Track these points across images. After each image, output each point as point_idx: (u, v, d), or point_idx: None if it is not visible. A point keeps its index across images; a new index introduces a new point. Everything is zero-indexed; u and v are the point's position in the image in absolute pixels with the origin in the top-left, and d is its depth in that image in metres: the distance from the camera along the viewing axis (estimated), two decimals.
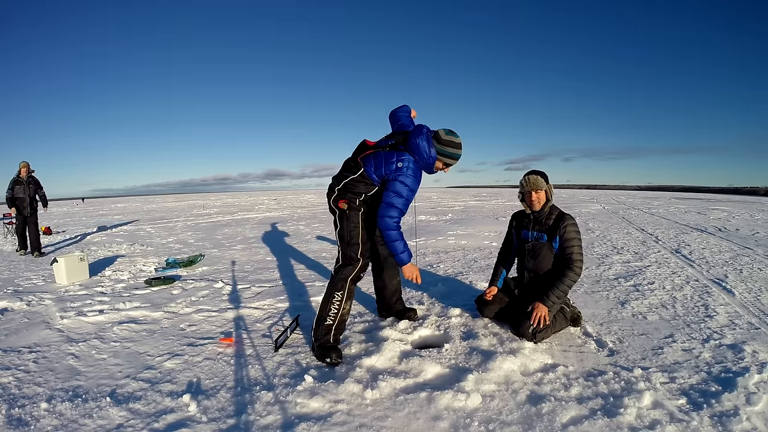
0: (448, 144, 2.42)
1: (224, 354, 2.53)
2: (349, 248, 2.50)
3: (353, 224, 2.49)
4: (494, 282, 3.02)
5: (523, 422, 1.76)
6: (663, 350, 2.46)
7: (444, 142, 2.41)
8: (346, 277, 2.48)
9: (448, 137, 2.42)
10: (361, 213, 2.50)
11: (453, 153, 2.44)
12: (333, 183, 2.58)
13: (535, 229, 2.80)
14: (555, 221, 2.70)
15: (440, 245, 6.47)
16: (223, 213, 15.83)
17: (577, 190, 63.53)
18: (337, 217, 2.55)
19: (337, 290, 2.46)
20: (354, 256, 2.49)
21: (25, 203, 6.60)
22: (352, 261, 2.49)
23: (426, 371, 2.19)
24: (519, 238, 2.94)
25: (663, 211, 13.12)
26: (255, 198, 35.34)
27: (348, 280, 2.47)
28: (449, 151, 2.43)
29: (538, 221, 2.78)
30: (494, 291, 2.97)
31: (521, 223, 2.92)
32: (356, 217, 2.49)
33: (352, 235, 2.49)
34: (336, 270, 2.53)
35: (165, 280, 4.28)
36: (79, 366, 2.41)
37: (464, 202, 19.45)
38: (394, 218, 2.37)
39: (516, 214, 2.99)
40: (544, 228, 2.74)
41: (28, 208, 6.64)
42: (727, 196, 31.50)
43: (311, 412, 1.86)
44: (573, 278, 2.59)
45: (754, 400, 1.86)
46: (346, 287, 2.47)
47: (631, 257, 5.34)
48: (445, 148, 2.42)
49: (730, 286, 3.84)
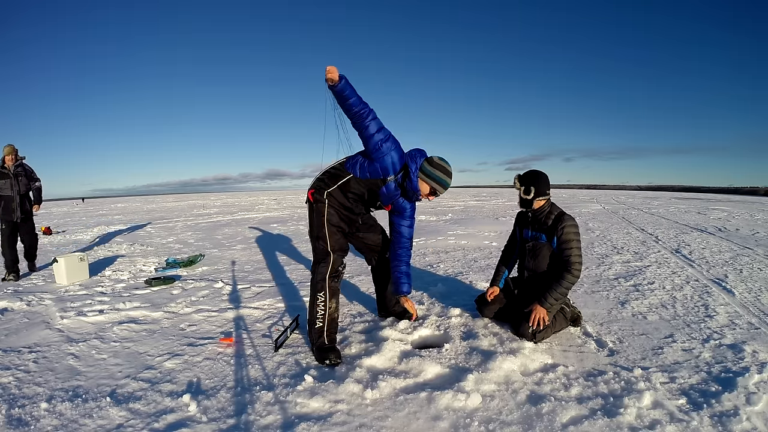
0: (438, 168, 2.44)
1: (224, 354, 2.53)
2: (318, 242, 2.49)
3: (318, 215, 2.49)
4: (496, 282, 3.01)
5: (523, 422, 1.76)
6: (663, 350, 2.46)
7: (435, 165, 2.44)
8: (324, 276, 2.46)
9: (440, 162, 2.46)
10: (326, 204, 2.49)
11: (440, 178, 2.45)
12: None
13: (534, 229, 2.79)
14: (554, 222, 2.68)
15: (440, 245, 6.47)
16: (223, 213, 15.83)
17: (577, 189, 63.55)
18: (308, 211, 2.58)
19: (318, 291, 2.45)
20: (323, 250, 2.48)
21: (13, 204, 4.75)
22: (323, 256, 2.48)
23: (426, 371, 2.19)
24: (521, 237, 2.93)
25: (663, 211, 13.12)
26: (255, 198, 35.34)
27: (326, 279, 2.45)
28: (437, 175, 2.44)
29: (537, 220, 2.76)
30: (496, 291, 2.96)
31: (523, 222, 2.91)
32: (321, 209, 2.49)
33: (319, 227, 2.48)
34: (312, 271, 2.52)
35: (165, 280, 4.28)
36: (79, 366, 2.41)
37: (464, 202, 19.45)
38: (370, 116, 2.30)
39: (520, 212, 2.97)
40: (543, 228, 2.73)
41: (18, 210, 4.80)
42: (727, 196, 31.51)
43: (311, 412, 1.86)
44: (571, 280, 2.58)
45: (754, 400, 1.86)
46: (326, 286, 2.44)
47: (631, 257, 5.33)
48: (435, 171, 2.44)
49: (730, 286, 3.84)
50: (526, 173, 2.76)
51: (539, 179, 2.71)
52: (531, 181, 2.70)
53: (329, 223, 2.49)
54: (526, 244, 2.85)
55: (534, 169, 2.76)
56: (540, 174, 2.73)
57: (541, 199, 2.72)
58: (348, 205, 2.54)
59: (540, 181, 2.71)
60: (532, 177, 2.72)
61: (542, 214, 2.74)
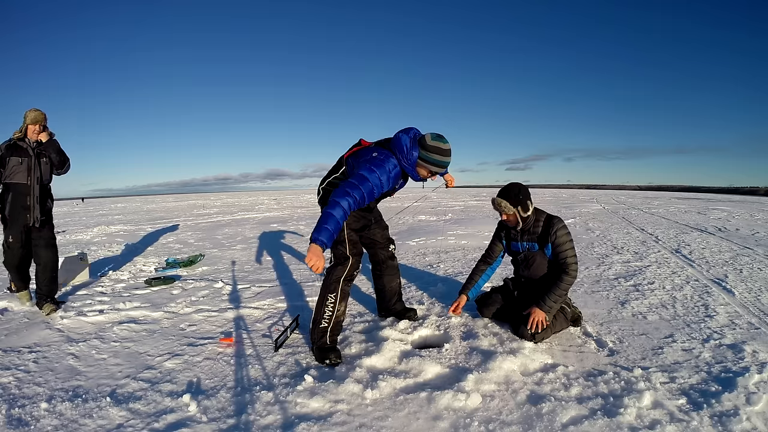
0: (433, 150, 2.30)
1: (224, 354, 2.53)
2: (337, 247, 2.48)
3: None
4: (466, 290, 2.90)
5: (523, 422, 1.76)
6: (663, 350, 2.46)
7: (429, 147, 2.30)
8: (339, 277, 2.45)
9: (434, 143, 2.29)
10: None
11: (437, 160, 2.31)
12: (320, 183, 2.60)
13: (524, 240, 2.73)
14: (544, 228, 2.65)
15: (440, 245, 6.47)
16: (223, 213, 15.83)
17: (578, 189, 63.57)
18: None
19: (330, 292, 2.44)
20: (343, 254, 2.47)
21: (29, 198, 3.23)
22: (342, 259, 2.47)
23: (426, 371, 2.19)
24: (509, 249, 2.87)
25: (663, 211, 13.12)
26: (255, 198, 35.34)
27: (341, 281, 2.45)
28: (433, 158, 2.31)
29: (526, 231, 2.72)
30: (463, 302, 2.86)
31: (509, 235, 2.83)
32: None
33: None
34: (327, 271, 2.51)
35: (165, 280, 4.29)
36: (79, 366, 2.41)
37: (464, 202, 19.44)
38: (347, 198, 2.14)
39: (503, 225, 2.85)
40: (534, 237, 2.69)
41: (38, 209, 3.27)
42: (727, 196, 31.50)
43: (311, 412, 1.86)
44: (569, 281, 2.58)
45: (754, 400, 1.86)
46: (339, 288, 2.44)
47: (631, 257, 5.33)
48: (430, 154, 2.30)
49: (730, 285, 3.84)
50: (509, 191, 2.62)
51: (525, 191, 2.64)
52: (522, 198, 2.61)
53: (349, 228, 2.48)
54: (517, 256, 2.82)
55: (512, 183, 2.68)
56: (521, 186, 2.66)
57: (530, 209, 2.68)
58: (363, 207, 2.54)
59: (527, 193, 2.65)
60: (519, 192, 2.61)
61: (530, 224, 2.69)
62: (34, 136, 3.26)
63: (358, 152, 2.48)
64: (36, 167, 3.29)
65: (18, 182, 3.23)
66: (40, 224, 3.33)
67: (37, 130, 3.26)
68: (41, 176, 3.33)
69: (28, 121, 3.23)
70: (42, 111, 3.28)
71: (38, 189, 3.30)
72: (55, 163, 3.38)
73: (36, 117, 3.24)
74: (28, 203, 3.25)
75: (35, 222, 3.30)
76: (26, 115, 3.24)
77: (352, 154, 2.50)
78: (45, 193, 3.39)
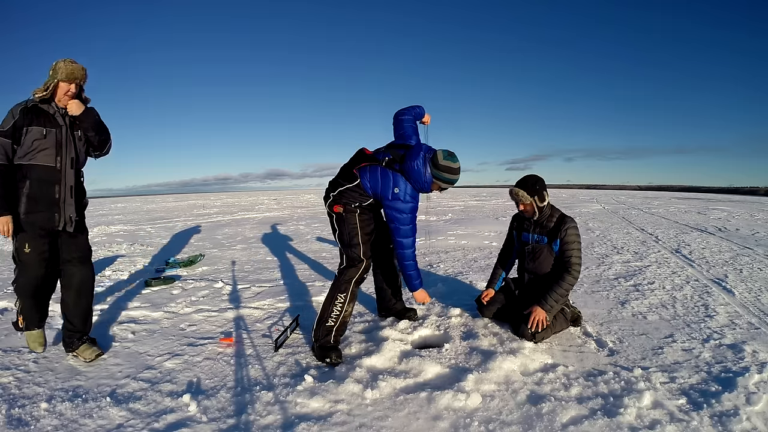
0: (444, 169, 2.40)
1: (224, 354, 2.53)
2: (351, 250, 2.50)
3: (351, 225, 2.50)
4: (492, 284, 3.02)
5: (523, 422, 1.76)
6: (663, 350, 2.46)
7: (441, 167, 2.39)
8: (351, 278, 2.48)
9: (445, 162, 2.39)
10: (357, 214, 2.51)
11: (448, 178, 2.42)
12: (329, 188, 2.59)
13: (535, 232, 2.78)
14: (556, 224, 2.69)
15: (440, 245, 6.47)
16: (223, 213, 15.82)
17: (578, 189, 63.57)
18: (335, 221, 2.55)
19: (340, 292, 2.46)
20: (357, 257, 2.49)
21: (57, 190, 2.21)
22: (355, 262, 2.50)
23: (426, 371, 2.19)
24: (519, 240, 2.92)
25: (663, 211, 13.12)
26: (255, 198, 35.32)
27: (352, 282, 2.48)
28: (445, 176, 2.41)
29: (539, 224, 2.76)
30: (491, 294, 2.97)
31: (522, 226, 2.90)
32: (353, 219, 2.50)
33: (352, 236, 2.50)
34: (340, 272, 2.53)
35: (165, 280, 4.28)
36: (79, 366, 2.40)
37: (464, 202, 19.44)
38: (409, 248, 2.51)
39: (517, 215, 2.96)
40: (545, 231, 2.72)
41: (72, 206, 2.27)
42: (727, 196, 31.50)
43: (311, 412, 1.86)
44: (571, 282, 2.59)
45: (754, 400, 1.86)
46: (349, 289, 2.47)
47: (631, 257, 5.34)
48: (441, 173, 2.40)
49: (730, 285, 3.84)
50: (527, 182, 2.69)
51: (541, 183, 2.70)
52: (539, 188, 2.67)
53: (363, 232, 2.51)
54: (525, 246, 2.85)
55: (529, 175, 2.72)
56: (538, 177, 2.72)
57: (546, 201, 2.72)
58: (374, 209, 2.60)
59: (544, 184, 2.71)
60: (536, 183, 2.68)
61: (544, 217, 2.73)
62: (65, 99, 2.18)
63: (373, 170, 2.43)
64: (69, 143, 2.22)
65: (41, 164, 2.17)
66: (74, 228, 2.30)
67: (72, 91, 2.18)
68: (76, 156, 2.27)
69: (62, 75, 2.13)
70: (76, 63, 2.18)
71: (72, 176, 2.26)
72: (94, 142, 2.32)
73: (73, 71, 2.15)
74: (56, 195, 2.20)
75: (66, 224, 2.26)
76: (57, 66, 2.13)
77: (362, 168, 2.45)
78: (80, 184, 2.34)
